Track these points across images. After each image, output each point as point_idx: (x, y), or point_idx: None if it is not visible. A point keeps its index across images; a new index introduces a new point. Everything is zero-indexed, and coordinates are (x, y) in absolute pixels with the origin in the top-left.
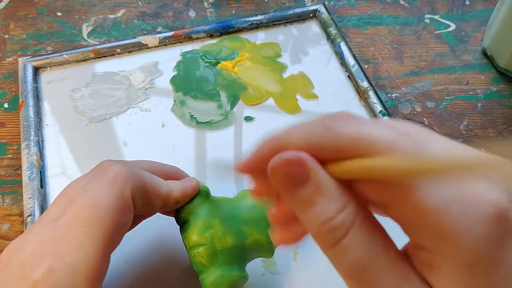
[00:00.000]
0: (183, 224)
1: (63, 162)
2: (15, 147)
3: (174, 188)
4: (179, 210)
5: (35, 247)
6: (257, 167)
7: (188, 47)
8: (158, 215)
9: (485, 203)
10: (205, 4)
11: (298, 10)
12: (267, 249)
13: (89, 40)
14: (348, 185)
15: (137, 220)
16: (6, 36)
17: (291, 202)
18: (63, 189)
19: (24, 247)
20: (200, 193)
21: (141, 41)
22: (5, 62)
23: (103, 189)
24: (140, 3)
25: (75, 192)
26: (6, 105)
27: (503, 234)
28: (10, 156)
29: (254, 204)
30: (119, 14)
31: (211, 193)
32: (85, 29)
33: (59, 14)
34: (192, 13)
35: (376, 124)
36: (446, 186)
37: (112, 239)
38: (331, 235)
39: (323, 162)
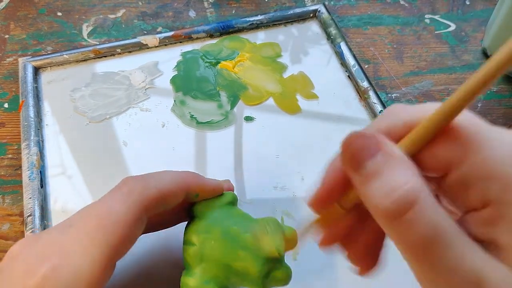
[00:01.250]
0: (191, 218)
1: (63, 162)
2: (15, 147)
3: (194, 184)
4: (195, 204)
5: (44, 245)
6: (330, 195)
7: (188, 47)
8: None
9: None
10: (205, 4)
11: (298, 10)
12: (254, 283)
13: (89, 40)
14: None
15: (156, 227)
16: (6, 36)
17: (358, 179)
18: None
19: (35, 244)
20: (223, 197)
21: (141, 41)
22: (5, 62)
23: (116, 202)
24: (140, 3)
25: (93, 204)
26: (6, 105)
27: None
28: (10, 156)
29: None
30: (119, 14)
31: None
32: (85, 29)
33: (59, 14)
34: (192, 13)
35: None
36: (503, 138)
37: (118, 248)
38: (397, 206)
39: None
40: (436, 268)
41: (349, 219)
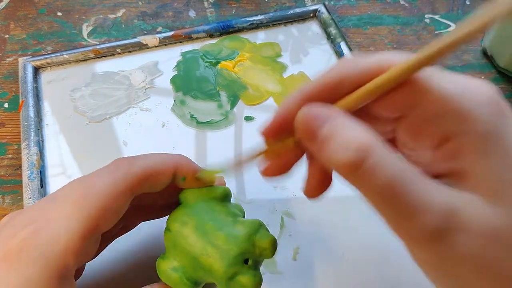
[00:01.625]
0: (177, 204)
1: (63, 162)
2: (15, 147)
3: (183, 166)
4: (182, 190)
5: (30, 213)
6: (282, 127)
7: (188, 47)
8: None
9: (485, 90)
10: (205, 4)
11: (298, 10)
12: (218, 282)
13: (89, 40)
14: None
15: (150, 214)
16: (6, 36)
17: (315, 148)
18: None
19: (22, 213)
20: (213, 190)
21: (141, 41)
22: (5, 62)
23: (101, 176)
24: (140, 3)
25: (80, 178)
26: (6, 105)
27: (500, 113)
28: (10, 156)
29: (243, 237)
30: (119, 14)
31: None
32: (85, 29)
33: (59, 14)
34: (192, 13)
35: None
36: (452, 80)
37: (100, 220)
38: (353, 159)
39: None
40: (404, 212)
41: (298, 153)
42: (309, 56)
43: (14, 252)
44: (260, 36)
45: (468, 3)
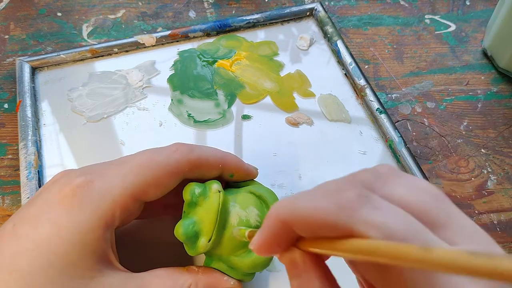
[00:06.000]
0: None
1: (61, 162)
2: (15, 148)
3: (232, 163)
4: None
5: (87, 168)
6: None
7: (185, 46)
8: None
9: None
10: (205, 5)
11: (295, 9)
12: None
13: (89, 40)
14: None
15: (153, 211)
16: (6, 36)
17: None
18: None
19: (77, 169)
20: (254, 185)
21: (138, 40)
22: (5, 62)
23: (161, 155)
24: (140, 4)
25: (141, 151)
26: (6, 106)
27: None
28: (10, 156)
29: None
30: (119, 14)
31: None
32: (85, 30)
33: (59, 14)
34: (192, 14)
35: (385, 211)
36: None
37: (152, 189)
38: None
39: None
40: None
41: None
42: (307, 55)
43: (68, 197)
44: (260, 35)
45: (468, 3)
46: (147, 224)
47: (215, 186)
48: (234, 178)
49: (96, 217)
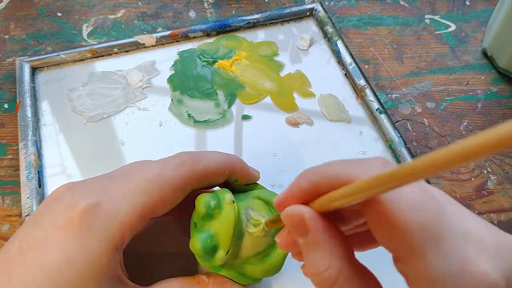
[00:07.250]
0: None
1: (61, 162)
2: (15, 148)
3: (237, 168)
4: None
5: (88, 187)
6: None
7: (185, 46)
8: None
9: (485, 284)
10: (205, 5)
11: (295, 9)
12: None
13: (89, 40)
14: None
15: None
16: (6, 36)
17: (299, 243)
18: None
19: (79, 185)
20: (260, 190)
21: (138, 41)
22: (5, 62)
23: (167, 169)
24: (140, 4)
25: (145, 163)
26: (6, 106)
27: (435, 212)
28: (10, 156)
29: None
30: (119, 14)
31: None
32: (85, 30)
33: (59, 14)
34: (192, 14)
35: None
36: (453, 258)
37: (159, 206)
38: (321, 285)
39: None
40: None
41: None
42: (307, 55)
43: (75, 221)
44: (260, 35)
45: (468, 3)
46: (149, 236)
47: (229, 196)
48: (238, 182)
49: (106, 241)
